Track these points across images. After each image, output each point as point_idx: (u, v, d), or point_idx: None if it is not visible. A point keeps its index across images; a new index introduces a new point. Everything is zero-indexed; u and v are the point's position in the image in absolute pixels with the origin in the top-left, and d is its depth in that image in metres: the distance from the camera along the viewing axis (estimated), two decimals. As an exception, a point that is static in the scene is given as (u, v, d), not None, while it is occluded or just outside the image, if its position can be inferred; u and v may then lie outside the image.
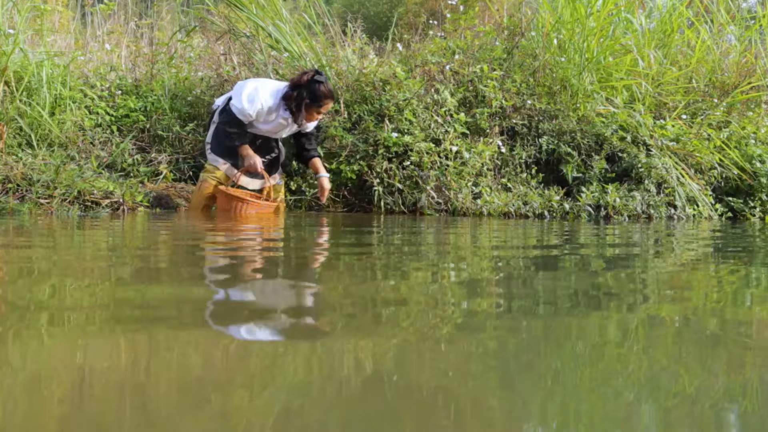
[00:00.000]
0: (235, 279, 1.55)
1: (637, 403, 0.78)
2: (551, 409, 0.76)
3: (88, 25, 7.21)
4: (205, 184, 3.92)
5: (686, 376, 0.88)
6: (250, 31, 5.27)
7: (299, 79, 3.62)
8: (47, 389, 0.77)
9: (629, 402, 0.79)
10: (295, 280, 1.59)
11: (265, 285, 1.49)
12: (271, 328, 1.07)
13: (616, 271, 1.84)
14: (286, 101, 3.65)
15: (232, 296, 1.33)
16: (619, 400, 0.80)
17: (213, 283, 1.49)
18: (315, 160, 3.99)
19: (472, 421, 0.71)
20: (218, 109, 3.95)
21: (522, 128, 4.83)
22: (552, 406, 0.77)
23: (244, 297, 1.34)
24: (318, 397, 0.77)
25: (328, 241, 2.66)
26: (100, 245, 2.23)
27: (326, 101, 3.64)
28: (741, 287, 1.67)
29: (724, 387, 0.85)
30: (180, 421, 0.70)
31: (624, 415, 0.75)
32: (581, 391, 0.84)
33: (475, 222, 3.75)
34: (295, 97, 3.59)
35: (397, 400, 0.76)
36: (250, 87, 3.68)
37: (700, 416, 0.75)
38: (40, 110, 4.26)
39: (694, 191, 4.67)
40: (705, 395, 0.82)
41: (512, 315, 1.23)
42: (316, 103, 3.61)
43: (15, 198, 3.50)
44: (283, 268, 1.79)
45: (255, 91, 3.65)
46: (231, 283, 1.50)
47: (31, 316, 1.10)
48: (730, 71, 5.71)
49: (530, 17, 5.50)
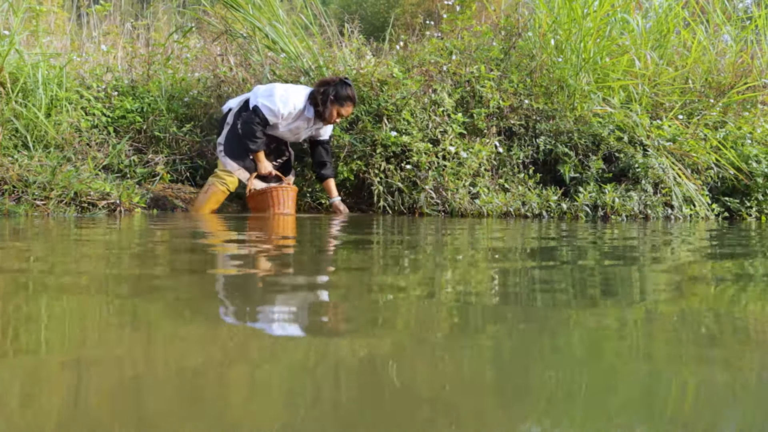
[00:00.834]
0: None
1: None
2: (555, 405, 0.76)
3: (83, 26, 7.18)
4: (213, 188, 3.95)
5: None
6: (246, 31, 5.27)
7: (328, 79, 3.93)
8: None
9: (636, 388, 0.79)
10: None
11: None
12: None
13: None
14: (312, 98, 3.88)
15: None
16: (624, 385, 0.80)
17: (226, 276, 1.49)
18: (329, 182, 4.21)
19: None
20: (233, 111, 3.98)
21: (519, 128, 4.84)
22: (554, 400, 0.77)
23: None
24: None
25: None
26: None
27: (348, 103, 3.89)
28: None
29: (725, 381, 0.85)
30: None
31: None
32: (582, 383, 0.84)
33: (476, 222, 3.75)
34: (321, 93, 3.85)
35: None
36: (280, 89, 3.87)
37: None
38: (36, 111, 4.25)
39: (691, 191, 4.68)
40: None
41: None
42: (339, 102, 3.86)
43: (11, 200, 3.48)
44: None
45: (286, 93, 3.85)
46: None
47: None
48: (726, 71, 5.72)
49: (527, 18, 5.50)
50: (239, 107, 4.00)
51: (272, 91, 3.86)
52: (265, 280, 1.53)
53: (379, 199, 4.34)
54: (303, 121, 3.94)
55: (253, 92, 4.00)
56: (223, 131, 4.02)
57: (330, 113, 3.87)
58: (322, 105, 3.84)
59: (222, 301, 1.31)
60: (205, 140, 4.76)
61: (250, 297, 1.33)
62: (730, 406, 0.79)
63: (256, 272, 1.65)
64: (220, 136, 4.05)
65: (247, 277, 1.57)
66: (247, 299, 1.31)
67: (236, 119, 3.96)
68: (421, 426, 0.70)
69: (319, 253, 2.21)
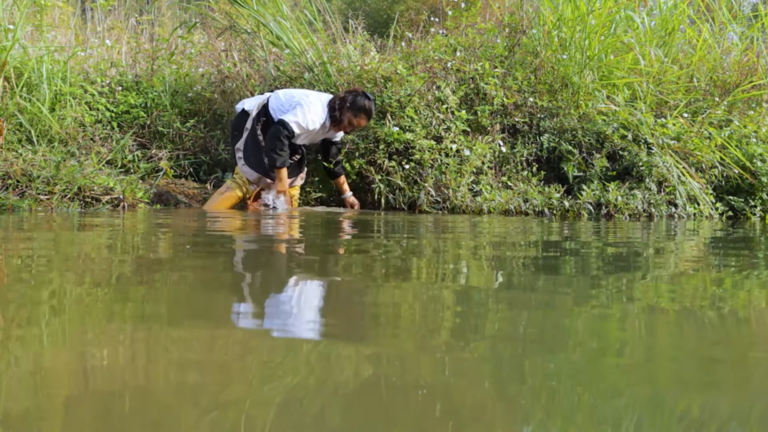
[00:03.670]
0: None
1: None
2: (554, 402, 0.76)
3: (88, 21, 7.19)
4: (230, 193, 3.97)
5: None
6: (251, 27, 5.26)
7: (353, 89, 4.01)
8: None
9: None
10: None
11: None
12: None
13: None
14: (330, 104, 3.92)
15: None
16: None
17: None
18: (341, 179, 4.28)
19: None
20: (252, 116, 3.94)
21: (523, 126, 4.83)
22: (555, 396, 0.77)
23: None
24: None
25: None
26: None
27: (362, 115, 3.92)
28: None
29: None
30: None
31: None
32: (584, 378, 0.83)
33: (478, 219, 3.74)
34: (341, 98, 3.90)
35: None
36: (305, 102, 3.85)
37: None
38: (40, 106, 4.25)
39: (695, 190, 4.66)
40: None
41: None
42: (354, 111, 3.89)
43: (15, 194, 3.49)
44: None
45: (310, 107, 3.84)
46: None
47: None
48: (731, 70, 5.69)
49: (531, 15, 5.48)
50: (258, 112, 3.96)
51: (298, 102, 3.83)
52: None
53: (381, 196, 4.34)
54: (321, 128, 3.96)
55: (273, 98, 3.95)
56: (242, 136, 3.96)
57: (343, 120, 3.90)
58: (339, 110, 3.88)
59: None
60: (208, 136, 4.76)
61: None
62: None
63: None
64: (237, 140, 3.97)
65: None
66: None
67: (255, 125, 3.93)
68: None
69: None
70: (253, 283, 1.50)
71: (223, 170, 4.64)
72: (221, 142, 4.73)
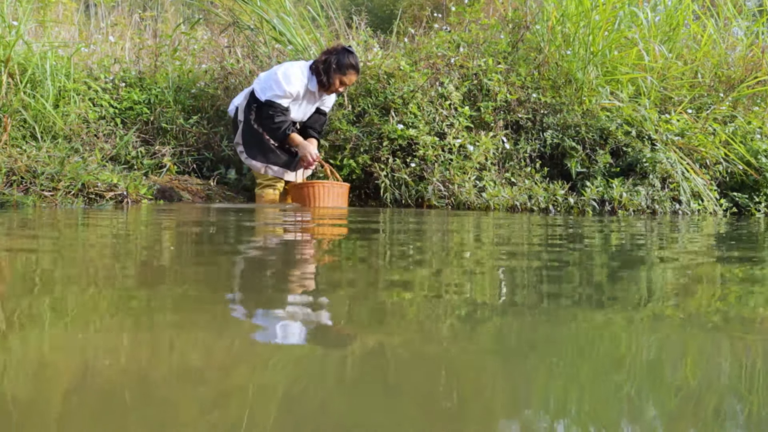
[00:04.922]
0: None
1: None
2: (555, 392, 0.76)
3: (91, 17, 7.20)
4: (262, 200, 3.99)
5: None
6: (254, 23, 5.26)
7: (331, 48, 3.85)
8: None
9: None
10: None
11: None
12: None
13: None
14: (313, 68, 3.81)
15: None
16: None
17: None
18: (311, 141, 4.03)
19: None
20: (242, 107, 3.94)
21: (526, 122, 4.82)
22: (554, 383, 0.77)
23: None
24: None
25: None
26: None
27: (351, 71, 3.80)
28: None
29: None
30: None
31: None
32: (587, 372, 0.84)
33: (481, 215, 3.74)
34: (323, 61, 3.78)
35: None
36: (280, 72, 3.78)
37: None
38: (44, 102, 4.26)
39: (699, 186, 4.65)
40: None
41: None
42: (341, 71, 3.76)
43: (19, 190, 3.50)
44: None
45: (287, 72, 3.76)
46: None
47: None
48: (736, 65, 5.67)
49: (535, 10, 5.46)
50: (246, 100, 3.97)
51: (274, 78, 3.78)
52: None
53: (386, 192, 4.34)
54: (310, 97, 3.90)
55: (256, 82, 3.94)
56: (238, 129, 3.97)
57: (333, 83, 3.80)
58: (324, 74, 3.76)
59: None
60: (211, 132, 4.77)
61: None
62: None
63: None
64: (236, 136, 4.00)
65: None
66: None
67: (247, 114, 3.92)
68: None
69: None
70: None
71: (226, 166, 4.65)
72: (224, 138, 4.73)
